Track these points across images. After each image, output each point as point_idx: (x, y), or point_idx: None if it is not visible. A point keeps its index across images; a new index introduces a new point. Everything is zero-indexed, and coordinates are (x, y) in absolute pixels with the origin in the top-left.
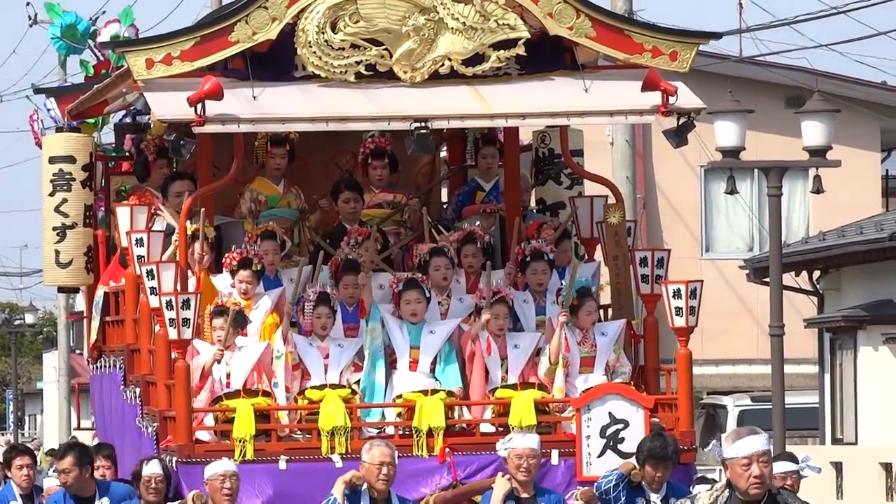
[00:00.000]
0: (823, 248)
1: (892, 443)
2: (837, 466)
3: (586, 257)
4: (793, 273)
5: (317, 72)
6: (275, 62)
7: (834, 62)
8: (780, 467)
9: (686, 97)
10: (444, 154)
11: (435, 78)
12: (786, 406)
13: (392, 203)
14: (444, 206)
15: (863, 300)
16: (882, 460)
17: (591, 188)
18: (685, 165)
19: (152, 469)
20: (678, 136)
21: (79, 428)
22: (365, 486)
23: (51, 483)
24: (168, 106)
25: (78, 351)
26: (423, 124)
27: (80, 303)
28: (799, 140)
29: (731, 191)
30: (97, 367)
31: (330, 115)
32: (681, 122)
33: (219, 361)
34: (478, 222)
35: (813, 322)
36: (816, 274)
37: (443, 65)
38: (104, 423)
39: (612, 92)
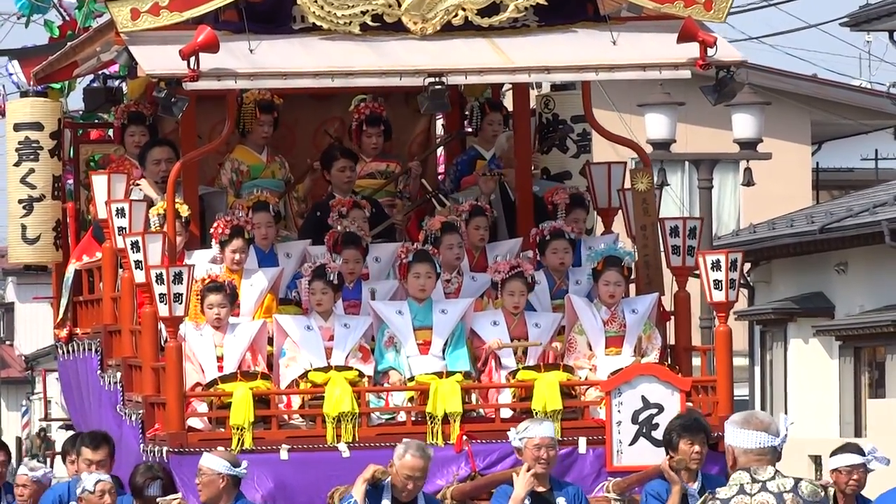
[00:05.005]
0: (754, 240)
1: (822, 435)
2: None
3: (603, 230)
4: None
5: (318, 23)
6: (271, 13)
7: (764, 55)
8: (846, 460)
9: (725, 49)
10: (440, 122)
11: (448, 30)
12: None
13: (385, 173)
14: (441, 177)
15: (793, 293)
16: (811, 452)
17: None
18: (615, 158)
19: (153, 492)
20: (717, 92)
21: (46, 418)
22: (388, 480)
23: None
24: (157, 60)
25: (8, 342)
26: (438, 79)
27: (10, 292)
28: (729, 133)
29: (662, 183)
30: (68, 352)
31: (336, 70)
32: (719, 77)
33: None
34: (479, 195)
35: (743, 314)
36: (747, 266)
37: (456, 15)
38: (79, 413)
39: (642, 44)
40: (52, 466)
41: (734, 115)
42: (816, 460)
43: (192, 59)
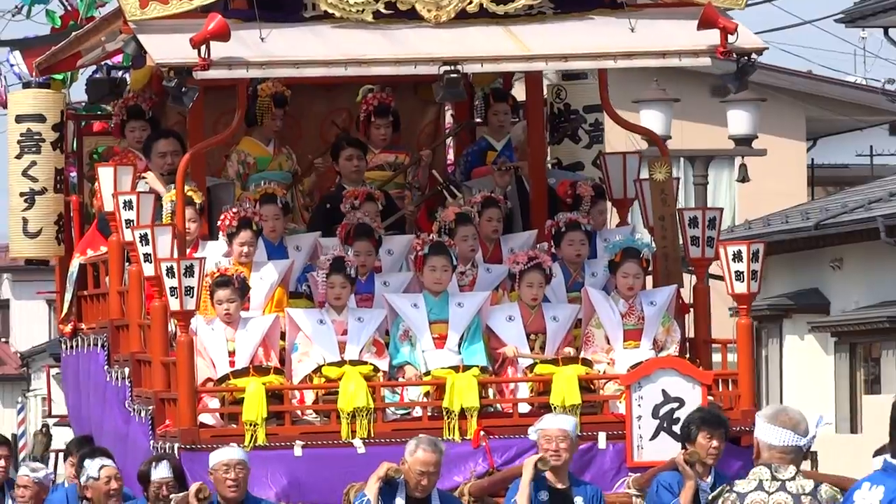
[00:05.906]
0: (749, 236)
1: (817, 432)
2: None
3: (618, 221)
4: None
5: (330, 10)
6: (281, 1)
7: None
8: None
9: (745, 37)
10: (449, 112)
11: (462, 17)
12: None
13: (394, 164)
14: (451, 168)
15: (788, 289)
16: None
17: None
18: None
19: (161, 473)
20: (738, 80)
21: (49, 414)
22: (402, 478)
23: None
24: (167, 49)
25: (3, 339)
26: (453, 67)
27: (6, 289)
28: (724, 129)
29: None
30: (72, 348)
31: (349, 58)
32: (740, 65)
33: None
34: (494, 188)
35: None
36: None
37: (470, 2)
38: (81, 410)
39: (660, 31)
40: (55, 464)
41: (729, 111)
42: (812, 457)
43: (203, 47)
